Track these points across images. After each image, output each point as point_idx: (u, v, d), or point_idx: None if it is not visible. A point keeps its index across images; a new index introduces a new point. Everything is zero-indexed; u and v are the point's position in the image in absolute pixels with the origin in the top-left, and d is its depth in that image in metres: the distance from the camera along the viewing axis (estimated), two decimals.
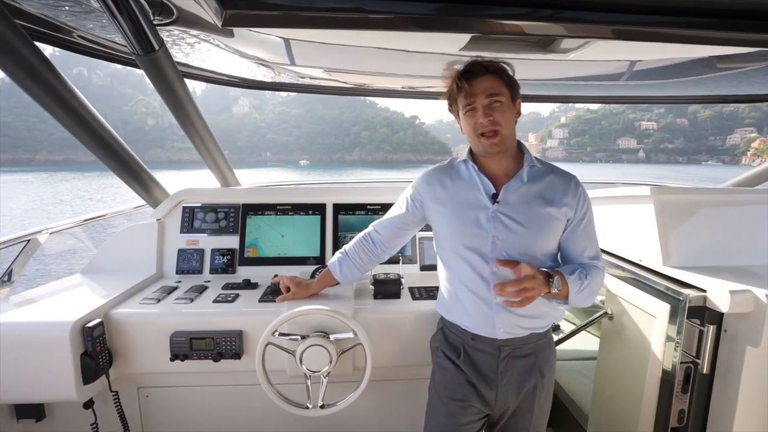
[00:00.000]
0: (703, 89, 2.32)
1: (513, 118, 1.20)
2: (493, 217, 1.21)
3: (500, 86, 1.16)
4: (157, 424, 1.68)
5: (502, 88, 1.17)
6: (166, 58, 1.50)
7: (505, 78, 1.18)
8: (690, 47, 1.60)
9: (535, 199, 1.21)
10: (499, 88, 1.16)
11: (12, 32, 1.12)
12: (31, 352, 1.32)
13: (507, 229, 1.20)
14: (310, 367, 1.39)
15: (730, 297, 1.25)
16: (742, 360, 1.27)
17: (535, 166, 1.25)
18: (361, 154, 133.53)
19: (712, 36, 1.33)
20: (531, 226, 1.19)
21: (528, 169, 1.23)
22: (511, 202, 1.21)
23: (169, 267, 1.88)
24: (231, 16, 1.26)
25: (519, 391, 1.26)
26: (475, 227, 1.22)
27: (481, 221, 1.21)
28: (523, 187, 1.22)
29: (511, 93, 1.18)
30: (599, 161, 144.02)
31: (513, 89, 1.19)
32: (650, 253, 1.62)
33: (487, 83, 1.16)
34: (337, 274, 1.49)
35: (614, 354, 1.78)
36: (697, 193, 1.71)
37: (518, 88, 1.22)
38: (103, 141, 1.58)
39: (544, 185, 1.22)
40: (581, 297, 1.18)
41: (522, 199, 1.21)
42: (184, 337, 1.45)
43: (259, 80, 2.45)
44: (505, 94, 1.17)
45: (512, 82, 1.20)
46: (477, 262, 1.22)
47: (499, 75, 1.18)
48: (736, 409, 1.29)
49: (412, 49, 1.83)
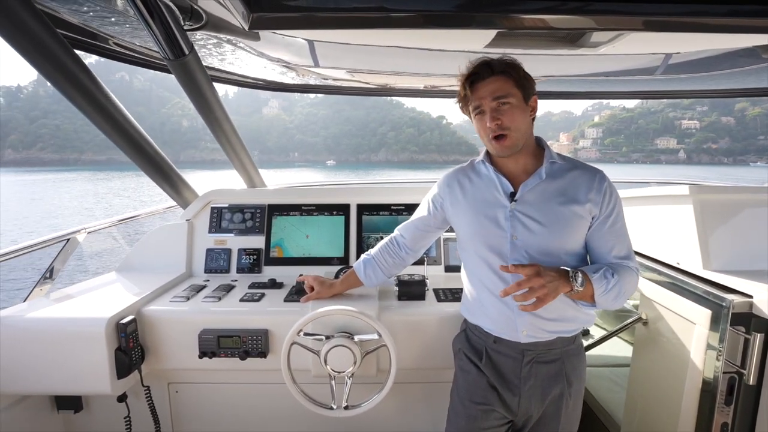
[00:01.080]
0: (748, 82, 2.18)
1: (525, 118, 1.16)
2: (511, 216, 1.18)
3: (509, 87, 1.12)
4: (185, 420, 1.72)
5: (512, 88, 1.12)
6: (195, 63, 1.56)
7: (514, 77, 1.13)
8: (732, 37, 1.49)
9: (556, 196, 1.16)
10: (508, 89, 1.12)
11: (54, 40, 1.18)
12: (69, 347, 1.38)
13: (525, 228, 1.16)
14: (335, 368, 1.39)
15: None
16: None
17: (555, 162, 1.20)
18: (387, 154, 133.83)
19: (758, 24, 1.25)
20: (551, 224, 1.15)
21: (547, 166, 1.18)
22: (530, 201, 1.18)
23: (197, 266, 1.93)
24: (257, 18, 1.29)
25: (543, 398, 1.22)
26: (494, 227, 1.19)
27: (500, 220, 1.19)
28: (542, 185, 1.18)
29: (522, 92, 1.14)
30: (635, 162, 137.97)
31: (525, 88, 1.14)
32: (689, 255, 1.55)
33: (494, 85, 1.12)
34: (361, 276, 1.49)
35: (649, 361, 1.71)
36: (740, 192, 1.61)
37: (532, 85, 1.16)
38: (137, 144, 1.65)
39: (566, 182, 1.18)
40: (608, 298, 1.11)
41: (541, 196, 1.17)
42: (212, 335, 1.48)
43: (284, 82, 2.50)
44: (514, 94, 1.12)
45: (523, 80, 1.14)
46: (497, 263, 1.19)
47: (508, 74, 1.13)
48: None
49: (436, 48, 1.81)
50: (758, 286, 1.29)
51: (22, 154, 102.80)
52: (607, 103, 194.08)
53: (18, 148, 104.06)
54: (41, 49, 1.16)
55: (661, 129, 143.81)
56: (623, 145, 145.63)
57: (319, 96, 25.09)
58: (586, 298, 1.12)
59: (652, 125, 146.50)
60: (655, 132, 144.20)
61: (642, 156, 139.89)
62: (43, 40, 1.15)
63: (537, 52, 1.82)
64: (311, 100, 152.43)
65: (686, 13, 1.20)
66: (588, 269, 1.13)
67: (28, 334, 1.39)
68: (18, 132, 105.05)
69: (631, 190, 1.97)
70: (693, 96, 2.60)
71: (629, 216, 1.93)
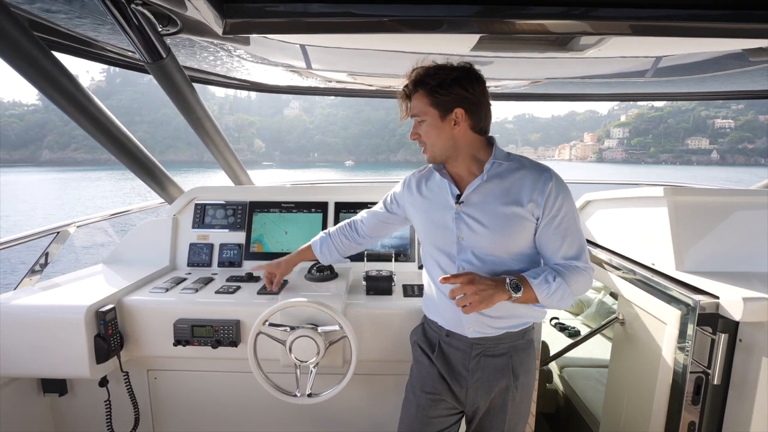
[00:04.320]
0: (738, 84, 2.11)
1: (441, 134, 1.16)
2: (457, 217, 1.20)
3: (422, 106, 1.16)
4: (163, 405, 1.80)
5: (426, 107, 1.15)
6: (173, 65, 1.62)
7: (428, 96, 1.14)
8: (720, 40, 1.46)
9: (499, 197, 1.17)
10: (421, 108, 1.16)
11: (32, 44, 1.24)
12: (53, 332, 1.46)
13: (470, 229, 1.19)
14: (299, 357, 1.45)
15: (744, 304, 1.16)
16: (758, 372, 1.17)
17: (500, 162, 1.19)
18: (406, 155, 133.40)
19: (745, 28, 1.23)
20: (493, 225, 1.16)
21: (489, 167, 1.18)
22: (474, 202, 1.19)
23: (181, 260, 2.01)
24: (232, 24, 1.34)
25: (490, 390, 1.24)
26: (442, 228, 1.23)
27: (448, 222, 1.22)
28: (486, 186, 1.19)
29: (439, 109, 1.14)
30: (664, 163, 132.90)
31: (442, 106, 1.14)
32: (663, 256, 1.54)
33: (413, 104, 1.19)
34: (317, 252, 1.57)
35: (625, 361, 1.72)
36: (715, 195, 1.58)
37: (453, 100, 1.13)
38: (120, 143, 1.71)
39: (510, 182, 1.18)
40: (554, 300, 1.12)
41: (485, 198, 1.19)
42: (187, 325, 1.55)
43: (278, 85, 2.55)
44: (429, 113, 1.16)
45: (441, 98, 1.13)
46: (445, 263, 1.24)
47: (421, 96, 1.15)
48: (751, 424, 1.19)
49: (424, 51, 1.82)
50: (725, 287, 1.28)
51: (58, 154, 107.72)
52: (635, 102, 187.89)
53: (54, 148, 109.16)
54: (20, 53, 1.22)
55: (693, 128, 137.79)
56: (651, 146, 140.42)
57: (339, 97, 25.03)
58: (532, 301, 1.13)
59: (682, 124, 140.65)
60: (685, 131, 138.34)
61: (671, 157, 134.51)
62: (21, 44, 1.21)
63: (525, 55, 1.81)
64: (331, 101, 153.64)
65: (674, 18, 1.20)
66: (529, 274, 1.13)
67: (14, 319, 1.47)
68: (54, 133, 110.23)
69: (609, 192, 1.94)
70: (683, 98, 2.53)
71: (608, 217, 1.92)
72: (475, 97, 1.14)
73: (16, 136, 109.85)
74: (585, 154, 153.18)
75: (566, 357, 2.25)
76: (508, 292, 1.08)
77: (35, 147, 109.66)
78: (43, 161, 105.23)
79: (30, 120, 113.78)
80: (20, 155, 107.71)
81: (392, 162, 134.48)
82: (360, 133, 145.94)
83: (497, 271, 1.18)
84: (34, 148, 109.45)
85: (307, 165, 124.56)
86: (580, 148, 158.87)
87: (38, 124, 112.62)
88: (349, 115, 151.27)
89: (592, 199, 2.12)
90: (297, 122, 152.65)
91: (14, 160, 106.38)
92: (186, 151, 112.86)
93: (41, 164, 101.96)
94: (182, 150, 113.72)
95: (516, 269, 1.18)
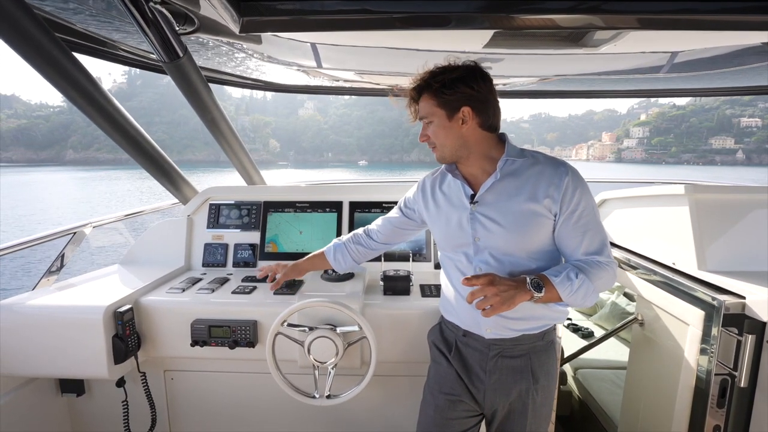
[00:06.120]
0: (759, 79, 2.03)
1: (450, 133, 1.15)
2: (472, 217, 1.19)
3: (429, 107, 1.16)
4: (180, 405, 1.81)
5: (432, 108, 1.15)
6: (190, 64, 1.64)
7: (434, 98, 1.14)
8: (738, 34, 1.41)
9: (514, 195, 1.14)
10: (428, 110, 1.16)
11: (53, 45, 1.27)
12: (71, 333, 1.46)
13: (485, 229, 1.17)
14: (318, 358, 1.44)
15: None
16: None
17: (513, 159, 1.17)
18: (419, 154, 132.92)
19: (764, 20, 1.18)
20: (509, 224, 1.14)
21: (503, 165, 1.16)
22: (489, 201, 1.17)
23: (196, 260, 2.02)
24: (247, 22, 1.36)
25: (508, 392, 1.21)
26: (458, 229, 1.22)
27: (463, 223, 1.21)
28: (500, 184, 1.16)
29: (446, 110, 1.13)
30: (686, 163, 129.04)
31: (448, 105, 1.13)
32: (685, 256, 1.50)
33: (421, 106, 1.19)
34: (330, 259, 1.54)
35: (645, 363, 1.67)
36: (736, 192, 1.53)
37: (459, 99, 1.12)
38: (137, 143, 1.74)
39: (525, 179, 1.15)
40: (577, 298, 1.08)
41: (499, 196, 1.16)
42: (204, 325, 1.55)
43: (292, 84, 2.57)
44: (436, 113, 1.15)
45: (447, 98, 1.12)
46: (463, 264, 1.22)
47: (427, 98, 1.16)
48: None
49: (437, 49, 1.81)
50: (751, 287, 1.24)
51: (81, 154, 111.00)
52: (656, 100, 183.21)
53: (77, 148, 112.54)
54: (41, 53, 1.25)
55: (717, 127, 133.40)
56: (672, 145, 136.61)
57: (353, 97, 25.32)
58: (555, 300, 1.10)
59: (706, 123, 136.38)
60: (709, 131, 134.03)
61: (694, 157, 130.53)
62: (42, 44, 1.24)
63: (538, 52, 1.78)
64: (345, 101, 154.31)
65: (690, 11, 1.16)
66: (550, 272, 1.10)
67: (33, 320, 1.48)
68: (78, 134, 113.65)
69: (627, 190, 1.90)
70: (702, 94, 2.45)
71: (627, 216, 1.87)
72: (482, 95, 1.12)
73: (42, 137, 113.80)
74: (603, 154, 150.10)
75: (580, 358, 2.20)
76: (529, 292, 1.05)
77: (60, 147, 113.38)
78: (68, 161, 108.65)
79: (55, 121, 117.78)
80: (46, 155, 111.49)
81: (406, 162, 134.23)
82: (374, 133, 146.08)
83: (515, 272, 1.15)
84: (59, 148, 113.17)
85: (321, 165, 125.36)
86: (597, 147, 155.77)
87: (63, 125, 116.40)
88: (363, 115, 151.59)
89: (609, 198, 2.08)
90: (311, 122, 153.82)
91: (41, 160, 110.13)
92: (203, 151, 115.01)
93: (65, 164, 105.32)
94: (200, 150, 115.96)
95: (534, 268, 1.15)
